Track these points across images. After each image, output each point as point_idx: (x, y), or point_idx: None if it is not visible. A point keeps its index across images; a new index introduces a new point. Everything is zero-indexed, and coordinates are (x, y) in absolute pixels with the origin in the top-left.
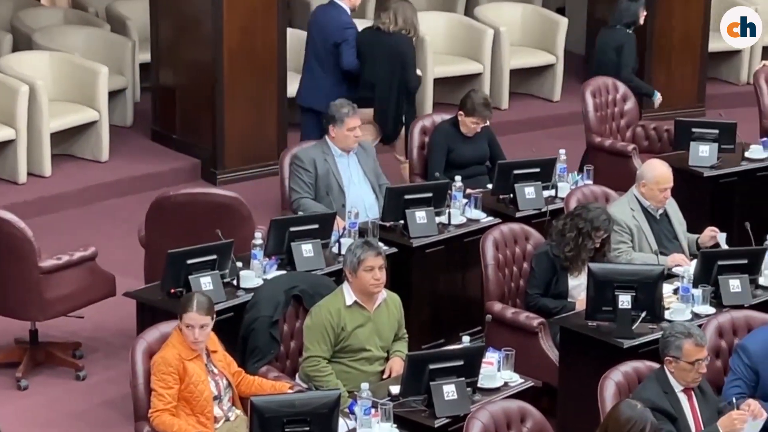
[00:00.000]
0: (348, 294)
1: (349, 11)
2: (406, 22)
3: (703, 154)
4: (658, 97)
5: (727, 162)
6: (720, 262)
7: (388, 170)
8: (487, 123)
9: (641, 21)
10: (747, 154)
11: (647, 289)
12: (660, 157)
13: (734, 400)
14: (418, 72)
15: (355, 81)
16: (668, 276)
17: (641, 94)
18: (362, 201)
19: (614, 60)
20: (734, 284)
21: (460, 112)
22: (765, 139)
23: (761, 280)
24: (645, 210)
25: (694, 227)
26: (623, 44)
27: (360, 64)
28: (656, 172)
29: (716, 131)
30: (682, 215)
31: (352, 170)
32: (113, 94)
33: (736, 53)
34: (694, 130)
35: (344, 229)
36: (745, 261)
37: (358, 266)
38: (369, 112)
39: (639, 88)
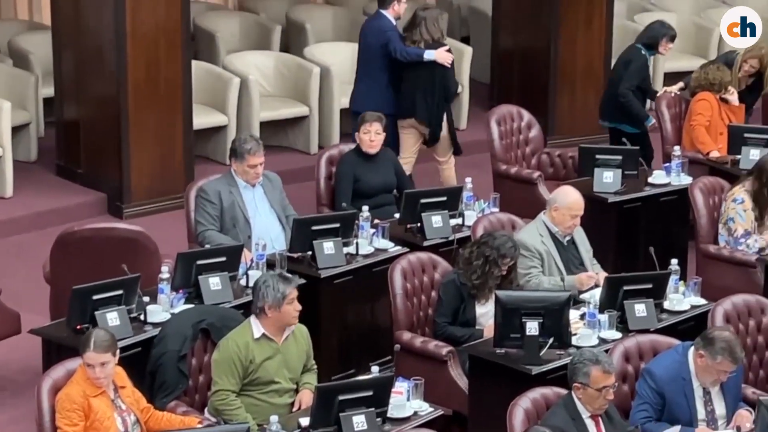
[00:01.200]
0: (256, 327)
1: (393, 20)
2: (436, 33)
3: (607, 180)
4: (652, 122)
5: (631, 188)
6: (625, 287)
7: (428, 174)
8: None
9: (662, 50)
10: (650, 180)
11: (554, 316)
12: (567, 183)
13: (639, 426)
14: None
15: (398, 86)
16: (576, 302)
17: (632, 115)
18: (268, 232)
19: (620, 74)
20: (640, 309)
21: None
22: (668, 164)
23: (666, 305)
24: (553, 236)
25: (601, 253)
26: (632, 60)
27: (400, 75)
28: (570, 198)
29: (619, 157)
30: (588, 241)
31: (257, 202)
32: (17, 130)
33: None
34: (597, 156)
35: (252, 261)
36: (650, 285)
37: (282, 301)
38: (413, 120)
39: (630, 106)
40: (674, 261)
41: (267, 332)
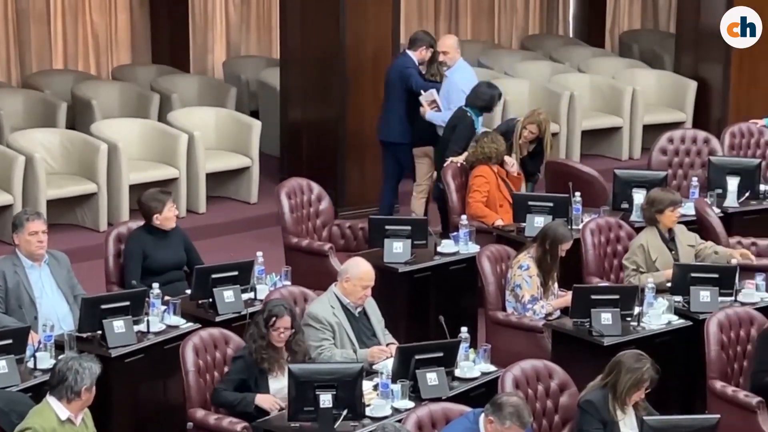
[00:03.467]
0: (60, 409)
1: (416, 61)
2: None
3: (397, 250)
4: None
5: (420, 257)
6: (417, 356)
7: None
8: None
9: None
10: (439, 249)
11: (347, 387)
12: (358, 255)
13: None
14: None
15: (415, 116)
16: (368, 372)
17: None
18: (55, 313)
19: (448, 137)
20: (431, 377)
21: None
22: (455, 233)
23: (457, 372)
24: (345, 307)
25: (392, 323)
26: (457, 124)
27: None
28: (361, 269)
29: (409, 228)
30: (380, 312)
31: (44, 282)
32: None
33: None
34: (387, 227)
35: (39, 342)
36: (440, 354)
37: (90, 385)
38: (429, 149)
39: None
40: (464, 329)
41: (71, 415)
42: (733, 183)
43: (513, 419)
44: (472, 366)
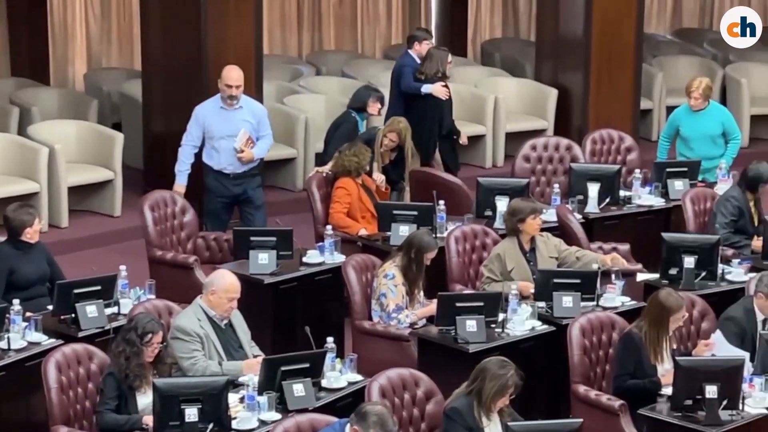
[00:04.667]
0: None
1: (416, 58)
2: (436, 68)
3: (262, 261)
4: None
5: (286, 268)
6: (283, 368)
7: None
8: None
9: (372, 111)
10: (305, 260)
11: (213, 401)
12: (223, 267)
13: None
14: None
15: (407, 108)
16: (235, 385)
17: None
18: None
19: (330, 137)
20: (298, 389)
21: None
22: (321, 243)
23: (324, 383)
24: (211, 320)
25: (259, 334)
26: (341, 124)
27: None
28: (226, 281)
29: (274, 238)
30: (246, 324)
31: None
32: None
33: (290, 161)
34: (252, 238)
35: None
36: (307, 365)
37: None
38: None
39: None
40: (330, 339)
41: None
42: (593, 189)
43: (377, 428)
44: (338, 376)
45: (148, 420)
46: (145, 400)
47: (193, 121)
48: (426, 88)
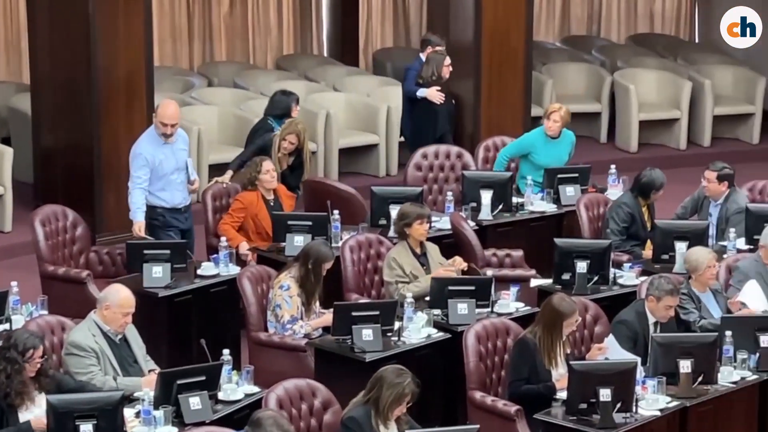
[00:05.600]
0: None
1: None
2: (429, 72)
3: (156, 275)
4: None
5: (181, 281)
6: (178, 381)
7: None
8: None
9: (295, 114)
10: (200, 272)
11: (108, 416)
12: (117, 281)
13: None
14: None
15: (410, 111)
16: (130, 400)
17: None
18: None
19: (248, 142)
20: (194, 402)
21: None
22: (215, 255)
23: (221, 395)
24: (105, 334)
25: (154, 348)
26: (257, 130)
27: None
28: (120, 296)
29: (168, 251)
30: (141, 338)
31: None
32: None
33: None
34: (145, 251)
35: None
36: (203, 378)
37: None
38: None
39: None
40: (226, 351)
41: None
42: (486, 196)
43: (275, 429)
44: (235, 388)
45: (38, 424)
46: (27, 415)
47: (141, 163)
48: (421, 92)
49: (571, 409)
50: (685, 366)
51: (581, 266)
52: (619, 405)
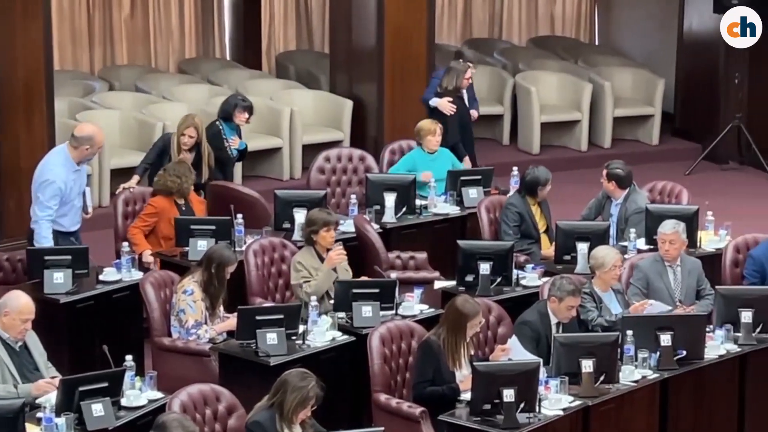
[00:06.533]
0: None
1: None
2: (453, 83)
3: (57, 281)
4: None
5: (82, 287)
6: (81, 388)
7: None
8: None
9: (237, 120)
10: (101, 278)
11: (9, 425)
12: (17, 288)
13: None
14: None
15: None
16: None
17: None
18: None
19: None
20: (97, 408)
21: None
22: (118, 261)
23: (124, 401)
24: (4, 342)
25: (56, 355)
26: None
27: None
28: (20, 302)
29: (69, 257)
30: (42, 345)
31: None
32: None
33: None
34: (46, 257)
35: None
36: (105, 384)
37: None
38: None
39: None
40: (129, 357)
41: None
42: (390, 199)
43: (180, 430)
44: (138, 394)
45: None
46: None
47: (54, 192)
48: (433, 102)
49: (475, 409)
50: (587, 365)
51: (484, 268)
52: (522, 405)
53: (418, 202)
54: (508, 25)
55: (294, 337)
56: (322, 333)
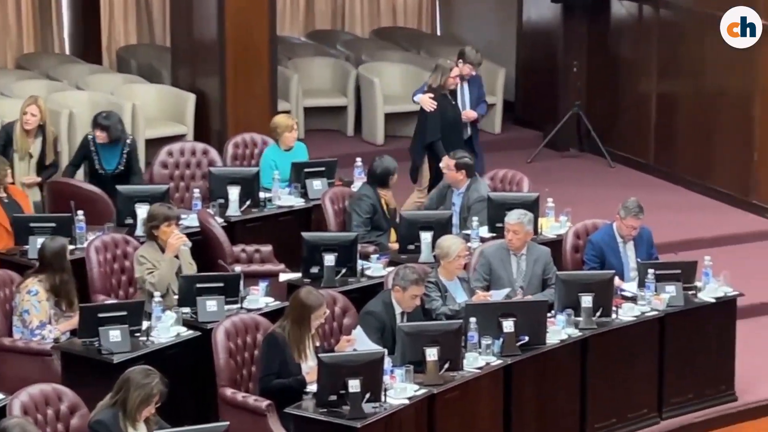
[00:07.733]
0: None
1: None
2: (437, 82)
3: None
4: None
5: None
6: None
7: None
8: None
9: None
10: None
11: None
12: None
13: None
14: None
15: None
16: None
17: None
18: None
19: None
20: None
21: None
22: None
23: None
24: None
25: None
26: None
27: None
28: None
29: None
30: None
31: None
32: None
33: None
34: None
35: None
36: None
37: None
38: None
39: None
40: None
41: None
42: (234, 192)
43: None
44: None
45: None
46: None
47: None
48: (416, 97)
49: (321, 401)
50: (431, 354)
51: (329, 259)
52: (368, 395)
53: (262, 195)
54: (350, 17)
55: (138, 334)
56: (166, 329)
